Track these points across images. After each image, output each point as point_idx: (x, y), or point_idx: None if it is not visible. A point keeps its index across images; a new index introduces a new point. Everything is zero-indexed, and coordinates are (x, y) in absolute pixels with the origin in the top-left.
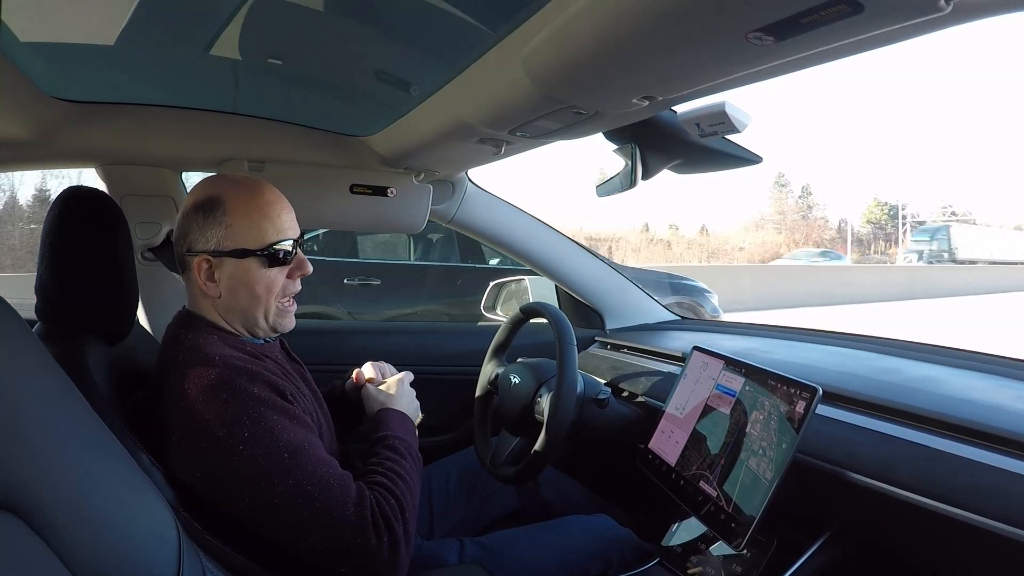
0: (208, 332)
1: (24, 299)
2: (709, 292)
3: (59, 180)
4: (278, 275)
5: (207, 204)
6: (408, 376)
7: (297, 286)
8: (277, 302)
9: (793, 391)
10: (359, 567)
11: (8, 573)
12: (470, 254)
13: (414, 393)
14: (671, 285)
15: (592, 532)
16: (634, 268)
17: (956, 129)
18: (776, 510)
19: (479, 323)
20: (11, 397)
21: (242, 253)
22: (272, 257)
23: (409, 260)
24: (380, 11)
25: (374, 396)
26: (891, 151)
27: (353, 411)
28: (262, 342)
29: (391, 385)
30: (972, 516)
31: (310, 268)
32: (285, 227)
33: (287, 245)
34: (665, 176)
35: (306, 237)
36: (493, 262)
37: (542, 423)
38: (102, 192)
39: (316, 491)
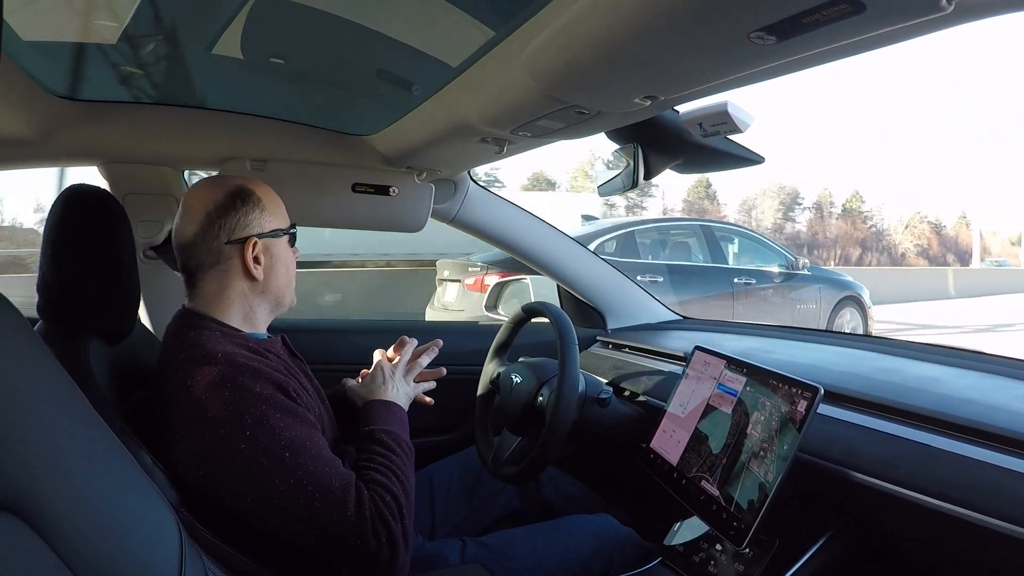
0: (210, 329)
1: (26, 298)
2: (862, 287)
3: None
4: (294, 256)
5: (241, 193)
6: (383, 361)
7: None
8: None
9: (795, 391)
10: (359, 568)
11: (8, 573)
12: (716, 259)
13: (394, 372)
14: (840, 282)
15: (594, 531)
16: (815, 267)
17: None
18: (778, 509)
19: (480, 323)
20: (12, 396)
21: (280, 232)
22: (292, 238)
23: (678, 261)
24: (382, 10)
25: (356, 391)
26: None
27: (354, 414)
28: (265, 337)
29: (369, 376)
30: (972, 514)
31: (299, 251)
32: (288, 215)
33: (294, 229)
34: None
35: (600, 240)
36: (733, 264)
37: (544, 423)
38: (104, 190)
39: (316, 491)
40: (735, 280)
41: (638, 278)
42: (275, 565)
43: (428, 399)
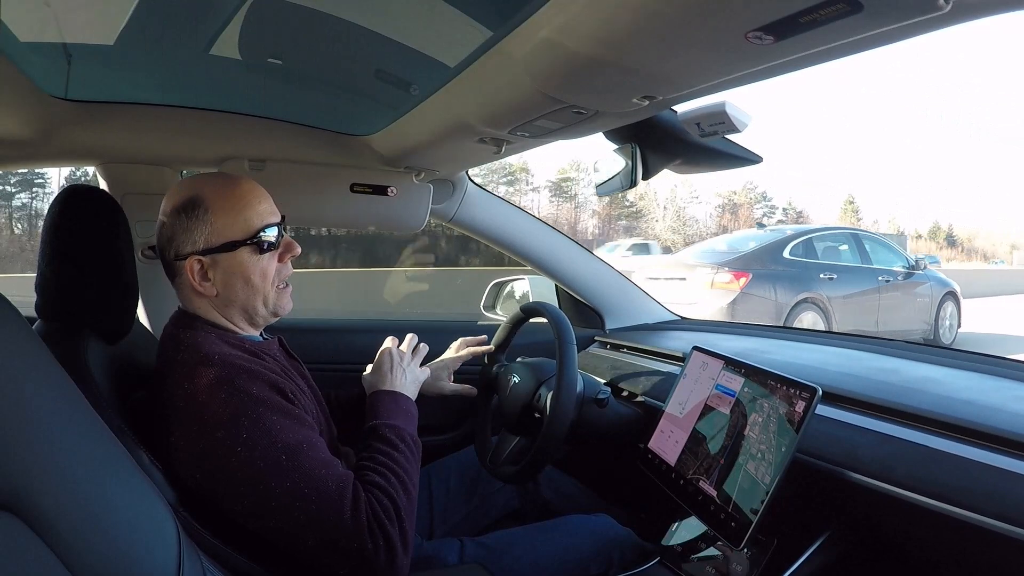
0: (206, 331)
1: (26, 297)
2: (956, 284)
3: None
4: (270, 261)
5: (187, 205)
6: (392, 347)
7: (289, 269)
8: (274, 288)
9: (793, 391)
10: (357, 571)
11: (8, 573)
12: (864, 261)
13: (403, 357)
14: (943, 280)
15: (592, 531)
16: (945, 269)
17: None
18: (776, 509)
19: (479, 322)
20: (12, 396)
21: (232, 246)
22: (262, 244)
23: (840, 262)
24: (380, 10)
25: (365, 381)
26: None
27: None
28: (261, 339)
29: (375, 363)
30: (970, 515)
31: (299, 249)
32: (267, 213)
33: (273, 231)
34: None
35: (792, 244)
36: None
37: (542, 423)
38: (102, 190)
39: (313, 494)
40: (879, 278)
41: (820, 276)
42: (273, 565)
43: (468, 388)
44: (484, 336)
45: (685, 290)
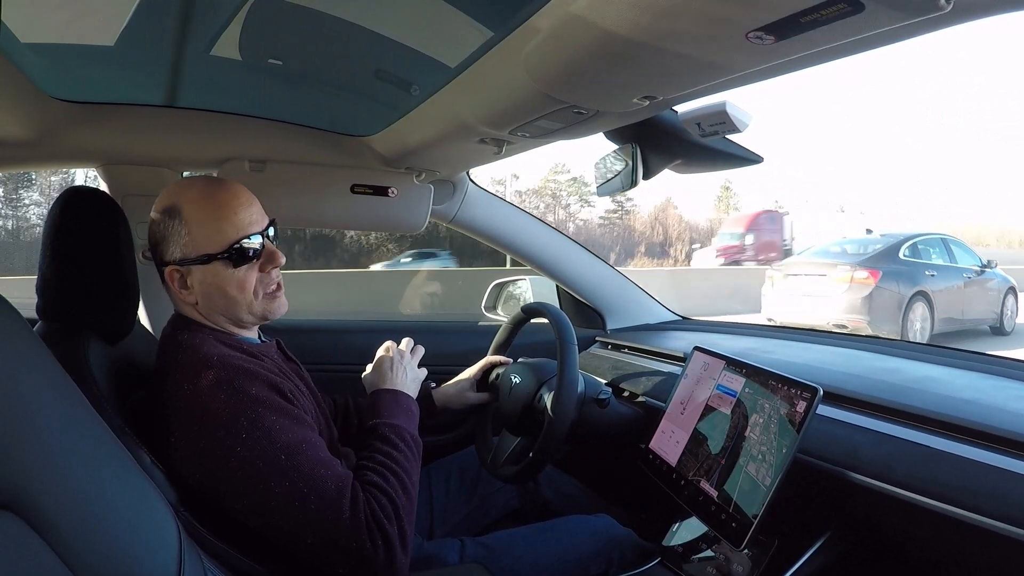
0: (204, 333)
1: (28, 299)
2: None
3: None
4: (248, 273)
5: (166, 214)
6: (391, 347)
7: (273, 278)
8: (258, 297)
9: (794, 391)
10: (356, 570)
11: (8, 573)
12: (951, 260)
13: (402, 356)
14: (1005, 277)
15: (593, 532)
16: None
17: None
18: (777, 509)
19: (480, 323)
20: (12, 396)
21: (206, 259)
22: (237, 257)
23: (934, 262)
24: (381, 11)
25: (365, 381)
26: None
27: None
28: (259, 342)
29: (375, 363)
30: (971, 515)
31: (282, 258)
32: (246, 224)
33: (253, 242)
34: None
35: (904, 246)
36: (965, 262)
37: (543, 423)
38: (103, 192)
39: (312, 494)
40: (963, 275)
41: (926, 273)
42: (274, 564)
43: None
44: (511, 359)
45: (822, 285)
